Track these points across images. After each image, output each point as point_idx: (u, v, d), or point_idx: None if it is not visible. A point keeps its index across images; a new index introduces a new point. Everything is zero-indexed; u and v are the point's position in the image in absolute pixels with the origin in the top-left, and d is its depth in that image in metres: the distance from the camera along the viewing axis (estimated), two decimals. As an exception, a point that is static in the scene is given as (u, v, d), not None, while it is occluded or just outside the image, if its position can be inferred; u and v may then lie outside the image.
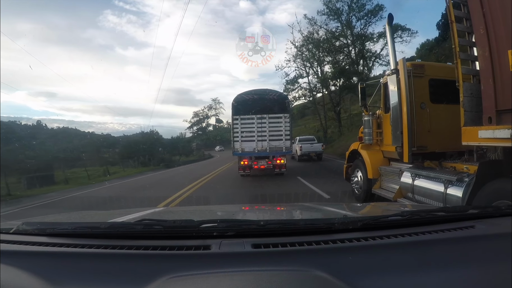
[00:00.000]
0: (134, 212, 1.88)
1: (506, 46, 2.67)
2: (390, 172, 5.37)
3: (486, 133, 2.82)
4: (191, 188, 9.00)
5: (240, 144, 10.26)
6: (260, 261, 0.99)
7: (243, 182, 9.90)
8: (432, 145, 4.79)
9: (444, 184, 3.76)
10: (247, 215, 2.11)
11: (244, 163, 10.30)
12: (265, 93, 10.85)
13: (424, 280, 0.89)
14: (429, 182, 4.11)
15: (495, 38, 2.77)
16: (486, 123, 2.86)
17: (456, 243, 1.13)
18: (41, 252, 1.08)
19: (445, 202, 3.70)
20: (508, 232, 1.21)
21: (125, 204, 6.34)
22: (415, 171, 4.50)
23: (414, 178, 4.45)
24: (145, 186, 11.27)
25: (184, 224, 1.21)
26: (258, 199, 6.32)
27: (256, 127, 10.18)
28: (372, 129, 5.95)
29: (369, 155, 5.96)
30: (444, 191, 3.72)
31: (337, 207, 2.21)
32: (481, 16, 2.85)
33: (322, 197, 6.79)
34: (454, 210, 1.48)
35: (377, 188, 5.61)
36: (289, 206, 2.82)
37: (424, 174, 4.27)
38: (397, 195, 4.81)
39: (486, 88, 2.86)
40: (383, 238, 1.13)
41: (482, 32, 2.87)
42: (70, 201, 9.11)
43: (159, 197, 7.43)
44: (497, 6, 2.77)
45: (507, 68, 2.65)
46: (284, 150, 10.29)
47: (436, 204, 3.92)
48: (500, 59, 2.72)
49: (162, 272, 0.90)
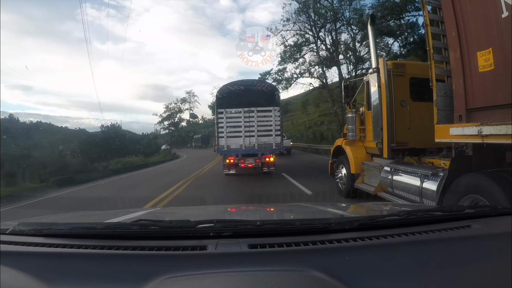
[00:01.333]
0: (130, 212, 1.88)
1: (476, 48, 2.85)
2: (371, 167, 5.57)
3: (456, 130, 3.02)
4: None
5: (225, 140, 9.45)
6: (256, 261, 1.00)
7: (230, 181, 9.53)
8: (412, 141, 5.01)
9: (420, 178, 3.96)
10: (244, 215, 2.12)
11: (230, 161, 9.56)
12: (253, 84, 10.05)
13: (421, 280, 0.90)
14: (406, 176, 4.31)
15: (466, 41, 2.96)
16: (457, 121, 3.05)
17: (452, 243, 1.14)
18: (37, 252, 1.09)
19: (421, 195, 3.91)
20: (504, 232, 1.23)
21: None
22: (395, 166, 4.71)
23: (393, 173, 4.65)
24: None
25: (181, 224, 1.22)
26: (254, 199, 6.31)
27: (243, 122, 9.42)
28: (355, 126, 6.14)
29: (352, 150, 6.15)
30: (420, 185, 3.92)
31: (334, 207, 2.24)
32: (453, 20, 3.03)
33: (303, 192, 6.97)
34: (450, 210, 1.51)
35: (359, 183, 5.81)
36: (286, 206, 2.83)
37: (402, 169, 4.48)
38: (377, 189, 5.01)
39: (457, 88, 3.04)
40: (380, 238, 1.14)
41: (454, 35, 3.05)
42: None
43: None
44: (468, 11, 2.95)
45: (476, 69, 2.84)
46: (274, 147, 9.55)
47: (413, 197, 4.13)
48: (470, 60, 2.91)
49: (158, 273, 0.90)
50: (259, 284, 0.86)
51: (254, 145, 9.45)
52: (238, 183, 9.28)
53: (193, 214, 2.17)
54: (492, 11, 2.69)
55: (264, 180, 9.52)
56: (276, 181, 9.23)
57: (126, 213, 1.87)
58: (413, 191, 4.09)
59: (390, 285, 0.88)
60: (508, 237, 1.17)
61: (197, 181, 10.17)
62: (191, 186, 9.07)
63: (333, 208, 2.12)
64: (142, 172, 15.84)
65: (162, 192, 7.79)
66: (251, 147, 9.47)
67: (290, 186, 8.11)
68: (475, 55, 2.84)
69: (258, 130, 9.46)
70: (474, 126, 2.78)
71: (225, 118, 9.45)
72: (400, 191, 4.43)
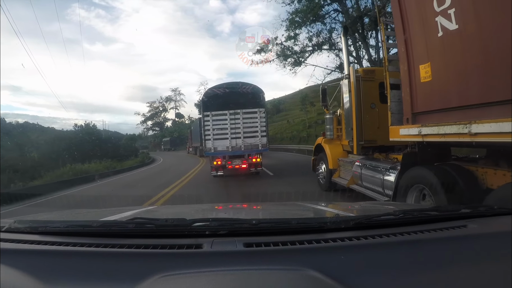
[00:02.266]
0: (126, 210, 1.90)
1: (419, 62, 3.45)
2: (346, 162, 6.19)
3: (404, 131, 3.62)
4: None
5: (212, 142, 9.72)
6: (252, 260, 1.01)
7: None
8: (381, 140, 5.59)
9: (383, 171, 4.57)
10: (239, 214, 2.13)
11: (217, 162, 9.80)
12: (238, 87, 10.23)
13: (417, 279, 0.91)
14: (372, 170, 4.92)
15: (412, 56, 3.55)
16: (405, 123, 3.65)
17: (448, 242, 1.15)
18: (33, 250, 1.10)
19: (383, 186, 4.52)
20: (501, 232, 1.26)
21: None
22: (364, 161, 5.32)
23: (362, 168, 5.26)
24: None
25: (176, 222, 1.24)
26: (250, 198, 6.55)
27: (229, 124, 9.71)
28: (333, 126, 6.76)
29: (330, 148, 6.78)
30: (382, 177, 4.53)
31: (330, 206, 2.31)
32: (402, 38, 3.62)
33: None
34: (446, 210, 1.54)
35: (336, 177, 6.43)
36: (282, 204, 2.89)
37: (369, 163, 5.09)
38: (350, 182, 5.63)
39: (405, 95, 3.64)
40: (376, 237, 1.15)
41: (403, 51, 3.64)
42: None
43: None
44: (414, 30, 3.54)
45: (419, 79, 3.44)
46: (260, 147, 9.86)
47: (377, 188, 4.74)
48: (415, 72, 3.50)
49: (154, 271, 0.91)
50: (255, 283, 0.87)
51: (241, 146, 9.74)
52: (231, 182, 9.51)
53: (189, 212, 2.21)
54: (431, 31, 3.28)
55: (252, 178, 9.96)
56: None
57: (122, 211, 1.88)
58: (377, 182, 4.70)
59: (386, 285, 0.89)
60: (504, 236, 1.19)
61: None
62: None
63: (329, 207, 2.17)
64: (84, 188, 10.73)
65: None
66: (238, 148, 9.76)
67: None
68: (418, 68, 3.44)
69: (244, 132, 9.74)
70: (416, 127, 3.38)
71: (211, 121, 9.70)
72: (367, 183, 5.04)
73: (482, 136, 2.58)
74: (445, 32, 3.10)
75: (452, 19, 3.03)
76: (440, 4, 3.13)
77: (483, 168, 3.17)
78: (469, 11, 2.83)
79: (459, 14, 2.96)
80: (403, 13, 3.61)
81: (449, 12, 3.05)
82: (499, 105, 2.48)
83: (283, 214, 2.06)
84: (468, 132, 2.67)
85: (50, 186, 10.25)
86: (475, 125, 2.61)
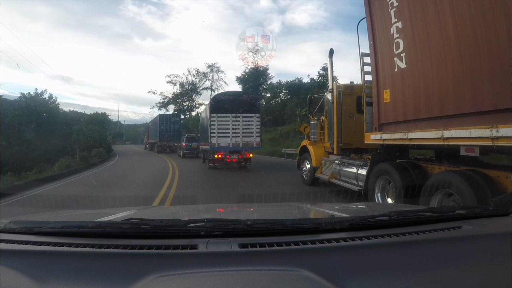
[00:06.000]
0: (121, 211, 1.98)
1: (383, 88, 5.23)
2: (327, 161, 7.96)
3: (373, 136, 5.40)
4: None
5: (217, 139, 12.45)
6: (247, 261, 1.06)
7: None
8: (357, 143, 7.36)
9: (357, 167, 6.34)
10: (235, 215, 2.21)
11: (218, 156, 12.59)
12: (239, 95, 13.70)
13: (411, 281, 0.96)
14: (349, 167, 6.70)
15: (380, 82, 5.34)
16: (374, 131, 5.43)
17: (443, 243, 1.21)
18: (28, 250, 1.15)
19: (357, 179, 6.27)
20: (495, 233, 1.34)
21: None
22: (342, 160, 7.10)
23: (340, 165, 7.03)
24: None
25: (171, 223, 1.29)
26: (245, 199, 7.16)
27: (231, 125, 12.54)
28: (316, 130, 8.55)
29: (314, 149, 8.54)
30: (356, 172, 6.29)
31: (325, 207, 2.41)
32: (374, 69, 5.41)
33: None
34: (441, 211, 1.61)
35: (318, 173, 8.18)
36: (277, 205, 3.04)
37: (345, 161, 6.88)
38: (330, 177, 7.39)
39: (375, 110, 5.42)
40: (370, 238, 1.21)
41: (374, 78, 5.43)
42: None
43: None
44: (381, 64, 5.33)
45: (383, 100, 5.22)
46: (254, 145, 12.86)
47: (352, 181, 6.49)
48: (381, 95, 5.28)
49: (148, 271, 0.96)
50: (250, 284, 0.92)
51: (239, 143, 12.62)
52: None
53: (184, 213, 2.32)
54: (390, 67, 5.06)
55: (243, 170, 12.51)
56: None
57: (117, 211, 1.95)
58: (352, 176, 6.46)
59: (381, 286, 0.94)
60: (498, 238, 1.27)
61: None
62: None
63: (324, 208, 2.28)
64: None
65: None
66: (237, 144, 12.62)
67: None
68: (382, 92, 5.23)
69: (243, 132, 12.67)
70: (379, 134, 5.17)
71: (217, 122, 12.50)
72: (345, 177, 6.81)
73: (416, 140, 4.37)
74: (399, 69, 4.89)
75: (403, 60, 4.83)
76: (397, 49, 4.93)
77: (431, 164, 4.88)
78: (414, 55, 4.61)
79: (407, 57, 4.75)
80: (376, 51, 5.39)
81: (401, 55, 4.85)
82: (427, 121, 4.28)
83: (278, 215, 2.18)
84: (407, 138, 4.46)
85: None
86: (411, 133, 4.42)
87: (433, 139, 4.10)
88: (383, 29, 5.25)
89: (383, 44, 5.26)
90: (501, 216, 1.61)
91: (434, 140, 4.09)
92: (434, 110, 4.16)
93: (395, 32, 4.96)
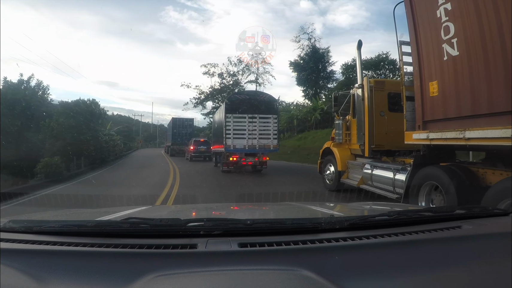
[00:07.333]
0: (121, 210, 2.00)
1: (428, 80, 4.62)
2: (355, 165, 7.34)
3: (416, 135, 4.78)
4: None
5: (232, 140, 12.01)
6: (246, 260, 1.06)
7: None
8: (388, 144, 6.79)
9: (393, 172, 5.72)
10: (234, 214, 2.24)
11: (234, 159, 12.08)
12: (256, 95, 13.20)
13: (411, 280, 0.98)
14: (383, 171, 6.08)
15: (423, 74, 4.73)
16: (417, 129, 4.81)
17: (442, 243, 1.22)
18: (27, 249, 1.16)
19: (394, 185, 5.65)
20: (495, 233, 1.34)
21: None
22: (374, 163, 6.48)
23: (372, 169, 6.41)
24: None
25: (171, 222, 1.32)
26: (244, 198, 7.02)
27: (248, 126, 12.06)
28: (342, 131, 7.93)
29: (339, 151, 7.94)
30: (393, 177, 5.67)
31: (325, 207, 2.43)
32: (417, 59, 4.80)
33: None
34: (440, 210, 1.63)
35: (345, 178, 7.57)
36: (276, 205, 3.08)
37: (379, 165, 6.26)
38: (360, 183, 6.77)
39: (417, 106, 4.81)
40: (370, 237, 1.21)
41: (416, 69, 4.82)
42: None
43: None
44: (426, 53, 4.73)
45: (428, 94, 4.61)
46: (271, 148, 12.35)
47: (387, 187, 5.88)
48: (426, 87, 4.67)
49: (148, 271, 0.96)
50: (249, 283, 0.93)
51: (256, 145, 12.13)
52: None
53: (183, 212, 2.35)
54: (438, 55, 4.46)
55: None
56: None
57: (116, 211, 1.97)
58: (388, 182, 5.84)
59: (380, 285, 0.95)
60: (498, 237, 1.28)
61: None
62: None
63: (323, 208, 2.30)
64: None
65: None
66: (253, 147, 12.13)
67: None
68: (428, 84, 4.62)
69: (260, 134, 12.16)
70: (425, 133, 4.55)
71: (232, 123, 12.07)
72: (377, 183, 6.19)
73: (474, 140, 3.77)
74: (449, 56, 4.29)
75: (454, 46, 4.23)
76: (446, 34, 4.32)
77: (483, 169, 4.31)
78: (468, 41, 4.01)
79: (460, 43, 4.14)
80: (417, 39, 4.79)
81: (452, 41, 4.25)
82: (488, 117, 3.66)
83: (278, 214, 2.20)
84: (463, 137, 3.84)
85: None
86: (469, 132, 3.81)
87: (499, 139, 3.49)
88: (427, 12, 4.66)
89: (428, 29, 4.66)
90: (501, 215, 1.63)
91: (500, 140, 3.48)
92: (500, 104, 3.55)
93: (443, 14, 4.37)
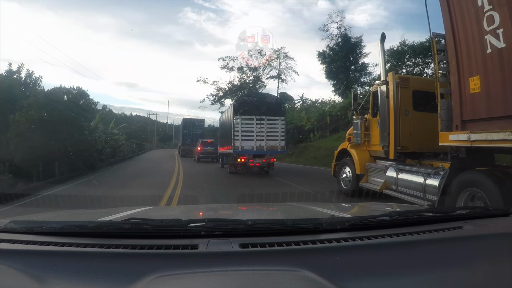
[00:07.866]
0: (122, 210, 2.01)
1: (468, 75, 4.20)
2: (376, 168, 6.91)
3: (454, 136, 4.36)
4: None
5: (240, 142, 12.13)
6: (247, 261, 1.08)
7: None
8: (413, 146, 6.37)
9: (424, 176, 5.28)
10: (235, 215, 2.25)
11: (242, 160, 12.22)
12: (264, 97, 13.55)
13: (412, 281, 0.98)
14: (411, 175, 5.64)
15: (462, 68, 4.31)
16: (454, 130, 4.39)
17: (443, 244, 1.24)
18: (28, 250, 1.17)
19: (424, 191, 5.21)
20: (496, 233, 1.35)
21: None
22: (399, 166, 6.05)
23: (398, 172, 5.98)
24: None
25: (172, 223, 1.32)
26: (245, 199, 6.84)
27: (256, 127, 12.22)
28: (360, 131, 7.48)
29: (358, 153, 7.50)
30: (424, 182, 5.23)
31: (325, 207, 2.43)
32: (454, 52, 4.38)
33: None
34: (442, 211, 1.66)
35: (364, 182, 7.14)
36: (277, 205, 3.08)
37: (407, 168, 5.82)
38: (383, 187, 6.34)
39: (455, 104, 4.39)
40: (371, 238, 1.23)
41: (453, 64, 4.40)
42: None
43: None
44: (464, 46, 4.31)
45: (468, 90, 4.19)
46: (279, 149, 12.53)
47: (416, 193, 5.44)
48: (465, 84, 4.25)
49: (149, 271, 0.97)
50: (250, 284, 0.94)
51: (263, 147, 12.26)
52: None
53: (184, 213, 2.37)
54: (480, 48, 4.04)
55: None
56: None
57: (117, 211, 1.99)
58: (417, 187, 5.40)
59: (381, 286, 0.96)
60: (499, 238, 1.29)
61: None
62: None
63: (324, 208, 2.31)
64: None
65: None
66: (261, 148, 12.25)
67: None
68: (468, 80, 4.20)
69: (268, 135, 12.29)
70: (465, 134, 4.13)
71: (240, 124, 12.22)
72: (404, 188, 5.75)
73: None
74: (494, 49, 3.87)
75: (500, 38, 3.81)
76: (489, 24, 3.90)
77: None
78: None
79: (506, 34, 3.73)
80: (454, 30, 4.38)
81: (497, 31, 3.83)
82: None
83: (279, 215, 2.22)
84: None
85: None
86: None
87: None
88: (466, 1, 4.25)
89: (467, 19, 4.24)
90: (501, 216, 1.62)
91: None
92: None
93: (486, 3, 3.95)
